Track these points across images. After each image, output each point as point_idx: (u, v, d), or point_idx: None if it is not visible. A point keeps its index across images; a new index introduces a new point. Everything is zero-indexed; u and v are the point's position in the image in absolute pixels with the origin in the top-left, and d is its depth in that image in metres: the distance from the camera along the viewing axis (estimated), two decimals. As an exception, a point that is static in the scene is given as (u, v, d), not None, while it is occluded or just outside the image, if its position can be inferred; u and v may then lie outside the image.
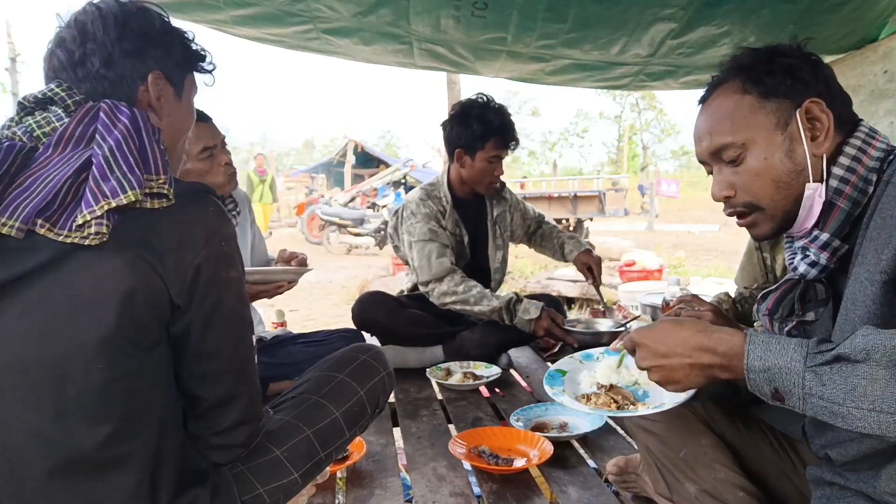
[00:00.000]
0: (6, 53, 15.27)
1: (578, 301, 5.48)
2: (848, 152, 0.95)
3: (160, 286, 0.85)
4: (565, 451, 1.70)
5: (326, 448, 1.16)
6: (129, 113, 0.89)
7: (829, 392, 0.77)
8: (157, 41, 0.99)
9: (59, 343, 0.82)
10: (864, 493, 0.90)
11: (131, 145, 0.86)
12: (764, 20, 2.34)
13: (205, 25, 2.55)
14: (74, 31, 0.94)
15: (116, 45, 0.94)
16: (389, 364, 1.34)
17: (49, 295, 0.82)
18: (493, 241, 2.70)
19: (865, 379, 0.74)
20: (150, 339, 0.88)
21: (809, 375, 0.79)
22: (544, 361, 2.67)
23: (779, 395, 0.82)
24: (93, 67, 0.94)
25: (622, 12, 2.32)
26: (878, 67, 2.47)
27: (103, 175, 0.83)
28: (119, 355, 0.84)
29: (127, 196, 0.82)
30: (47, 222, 0.81)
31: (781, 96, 0.96)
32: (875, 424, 0.74)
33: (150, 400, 0.90)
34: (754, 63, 0.99)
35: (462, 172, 2.53)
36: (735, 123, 0.98)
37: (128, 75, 0.96)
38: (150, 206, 0.86)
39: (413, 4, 2.31)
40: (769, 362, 0.82)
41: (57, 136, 0.87)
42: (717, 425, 1.23)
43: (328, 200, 12.98)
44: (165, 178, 0.88)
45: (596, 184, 15.22)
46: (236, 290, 0.96)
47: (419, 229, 2.49)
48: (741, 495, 1.10)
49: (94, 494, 0.86)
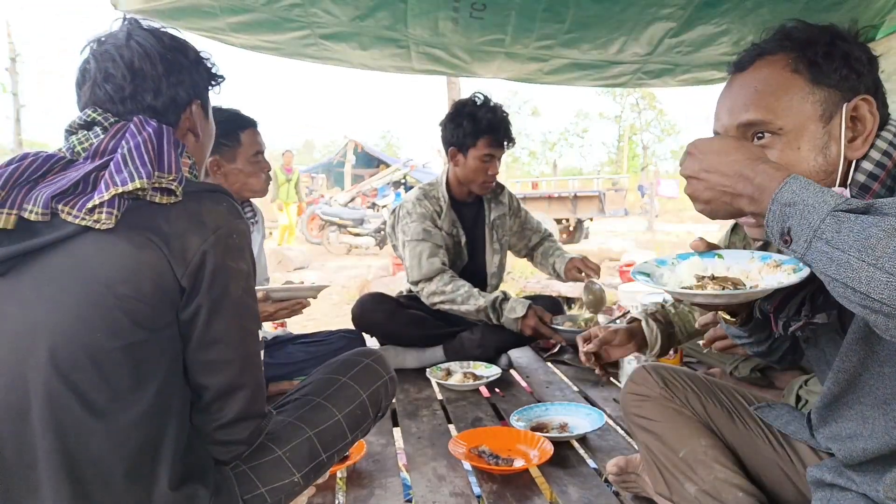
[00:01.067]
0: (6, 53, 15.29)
1: (578, 301, 5.48)
2: (879, 146, 0.89)
3: (166, 267, 0.90)
4: (565, 451, 1.71)
5: (328, 450, 1.17)
6: (155, 125, 0.97)
7: (841, 238, 0.70)
8: (192, 71, 1.10)
9: (65, 310, 0.88)
10: (866, 496, 0.89)
11: (149, 147, 0.94)
12: (762, 19, 2.34)
13: (202, 33, 2.54)
14: (126, 71, 1.01)
15: (164, 80, 1.04)
16: (392, 369, 1.35)
17: (60, 266, 0.89)
18: (490, 244, 2.69)
19: (885, 231, 0.68)
20: (158, 320, 0.92)
21: (830, 219, 0.72)
22: (544, 361, 2.67)
23: (787, 237, 0.76)
24: (144, 101, 1.03)
25: (621, 12, 2.32)
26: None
27: (118, 169, 0.91)
28: (120, 328, 0.88)
29: (134, 184, 0.89)
30: (66, 206, 0.89)
31: (833, 86, 0.89)
32: (866, 279, 0.68)
33: (152, 378, 0.92)
34: (811, 41, 0.91)
35: (457, 171, 2.53)
36: (779, 103, 0.90)
37: (172, 106, 1.06)
38: (160, 200, 0.92)
39: (411, 7, 2.30)
40: (798, 197, 0.75)
41: (93, 149, 0.96)
42: (718, 425, 1.23)
43: (328, 200, 12.98)
44: (176, 176, 0.94)
45: (596, 184, 15.21)
46: (244, 282, 0.99)
47: (413, 229, 2.49)
48: (741, 495, 1.10)
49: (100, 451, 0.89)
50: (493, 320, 2.37)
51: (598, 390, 2.28)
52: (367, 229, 11.27)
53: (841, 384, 0.94)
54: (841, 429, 0.94)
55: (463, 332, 2.52)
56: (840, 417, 0.95)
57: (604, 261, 8.25)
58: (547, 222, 11.27)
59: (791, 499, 1.17)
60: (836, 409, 0.96)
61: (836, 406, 0.96)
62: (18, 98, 15.34)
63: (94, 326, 0.88)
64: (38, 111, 46.13)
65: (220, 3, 2.28)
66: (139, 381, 0.91)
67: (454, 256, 2.58)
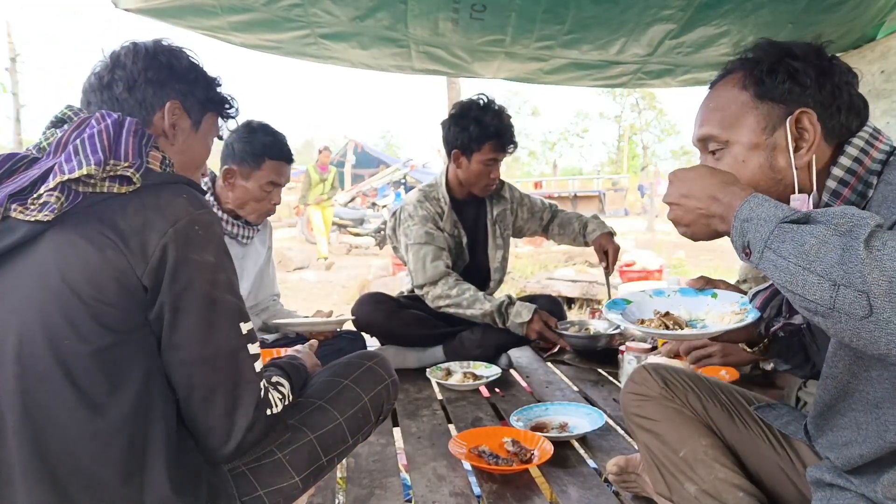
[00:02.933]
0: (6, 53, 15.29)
1: (578, 301, 5.48)
2: (850, 153, 0.94)
3: (126, 265, 0.87)
4: (565, 451, 1.71)
5: (329, 454, 1.15)
6: (115, 116, 0.95)
7: (784, 247, 0.77)
8: (181, 76, 1.09)
9: (31, 318, 0.85)
10: (865, 496, 0.90)
11: (104, 136, 0.91)
12: (763, 19, 2.35)
13: (202, 32, 2.54)
14: (108, 61, 1.06)
15: (142, 74, 1.04)
16: (394, 372, 1.34)
17: (21, 273, 0.87)
18: (493, 240, 2.69)
19: (816, 238, 0.74)
20: (127, 322, 0.88)
21: (777, 231, 0.79)
22: (544, 361, 2.67)
23: (748, 249, 0.83)
24: (117, 90, 1.03)
25: (621, 13, 2.32)
26: (875, 67, 2.47)
27: (68, 158, 0.88)
28: (88, 332, 0.86)
29: (81, 170, 0.86)
30: (20, 206, 0.87)
31: (777, 100, 0.95)
32: (801, 283, 0.74)
33: (128, 381, 0.89)
34: (760, 59, 0.97)
35: (458, 174, 2.53)
36: (724, 117, 0.98)
37: (147, 101, 1.05)
38: (118, 190, 0.89)
39: (411, 7, 2.31)
40: (754, 213, 0.83)
41: (55, 143, 0.93)
42: (717, 425, 1.24)
43: (328, 201, 12.97)
44: (133, 163, 0.91)
45: (596, 184, 15.25)
46: (210, 275, 0.93)
47: (415, 232, 2.49)
48: (741, 495, 1.10)
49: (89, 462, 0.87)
50: (498, 324, 2.38)
51: (598, 390, 2.28)
52: (367, 229, 11.28)
53: (830, 391, 0.96)
54: (836, 438, 0.95)
55: (463, 332, 2.52)
56: (835, 426, 0.96)
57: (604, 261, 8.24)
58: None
59: (791, 499, 1.17)
60: (830, 417, 0.97)
61: (829, 414, 0.97)
62: (18, 98, 15.34)
63: (62, 333, 0.85)
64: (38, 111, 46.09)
65: (221, 3, 2.29)
66: (115, 385, 0.87)
67: (456, 257, 2.58)
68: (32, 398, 0.85)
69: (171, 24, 2.48)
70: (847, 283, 0.70)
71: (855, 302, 0.70)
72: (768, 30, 2.43)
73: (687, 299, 1.25)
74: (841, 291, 0.70)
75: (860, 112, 0.97)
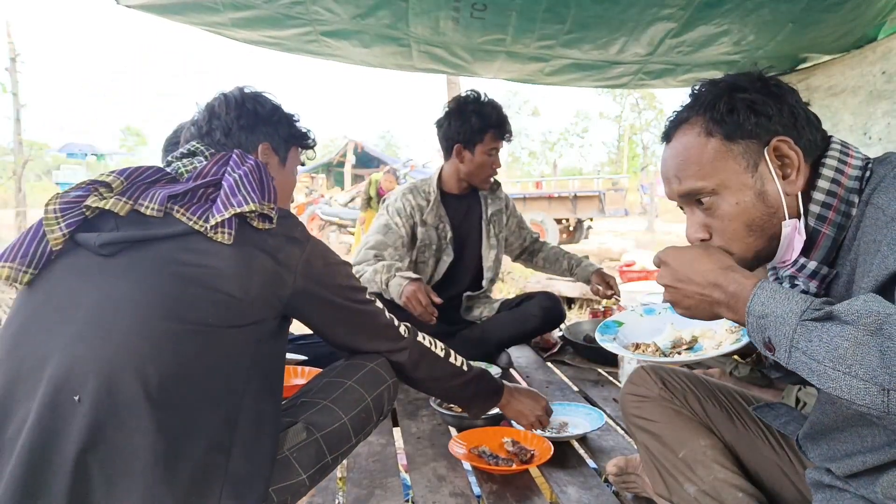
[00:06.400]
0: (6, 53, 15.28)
1: (578, 301, 5.48)
2: (826, 175, 0.93)
3: (275, 270, 1.06)
4: (565, 451, 1.71)
5: (333, 452, 1.17)
6: (254, 160, 1.13)
7: (814, 348, 0.75)
8: (266, 119, 1.26)
9: (175, 290, 0.98)
10: (865, 497, 0.90)
11: (253, 177, 1.09)
12: (763, 19, 2.35)
13: (204, 28, 2.55)
14: (205, 112, 1.24)
15: (235, 122, 1.22)
16: (395, 373, 1.35)
17: (172, 253, 1.01)
18: (487, 239, 2.68)
19: (849, 341, 0.72)
20: (247, 317, 1.02)
21: (801, 329, 0.77)
22: (544, 361, 2.67)
23: (770, 345, 0.81)
24: (216, 138, 1.21)
25: (621, 13, 2.32)
26: (876, 68, 2.47)
27: (232, 192, 1.05)
28: (221, 314, 0.99)
29: (249, 206, 1.03)
30: (182, 208, 1.03)
31: (747, 137, 0.94)
32: (846, 388, 0.72)
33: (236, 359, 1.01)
34: (715, 100, 0.96)
35: (460, 168, 2.53)
36: (703, 168, 0.96)
37: (243, 145, 1.23)
38: (259, 226, 1.06)
39: (412, 6, 2.31)
40: (769, 309, 0.81)
41: (197, 171, 1.11)
42: (717, 426, 1.23)
43: (328, 200, 12.98)
44: (274, 206, 1.08)
45: (596, 184, 15.21)
46: (344, 269, 1.20)
47: (379, 220, 2.53)
48: (740, 496, 1.10)
49: None
50: (382, 283, 2.27)
51: (598, 390, 2.28)
52: (367, 229, 11.25)
53: (829, 415, 0.96)
54: (835, 451, 0.95)
55: (462, 331, 2.52)
56: (832, 440, 0.96)
57: (604, 261, 8.25)
58: (547, 222, 11.29)
59: (791, 499, 1.17)
60: (828, 433, 0.97)
61: (826, 432, 0.97)
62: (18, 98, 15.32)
63: (198, 310, 0.97)
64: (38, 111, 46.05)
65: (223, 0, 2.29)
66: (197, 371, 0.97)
67: (438, 252, 2.57)
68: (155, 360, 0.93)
69: (173, 20, 2.48)
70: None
71: None
72: (769, 29, 2.43)
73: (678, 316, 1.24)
74: (892, 396, 0.69)
75: (818, 126, 0.97)
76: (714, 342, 1.13)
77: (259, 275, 1.04)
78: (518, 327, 2.53)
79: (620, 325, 1.29)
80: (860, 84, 2.53)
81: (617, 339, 1.24)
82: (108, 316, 0.95)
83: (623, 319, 1.31)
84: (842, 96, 2.63)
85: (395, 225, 2.50)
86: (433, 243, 2.55)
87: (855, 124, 2.56)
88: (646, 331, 1.27)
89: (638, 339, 1.25)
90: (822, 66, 2.78)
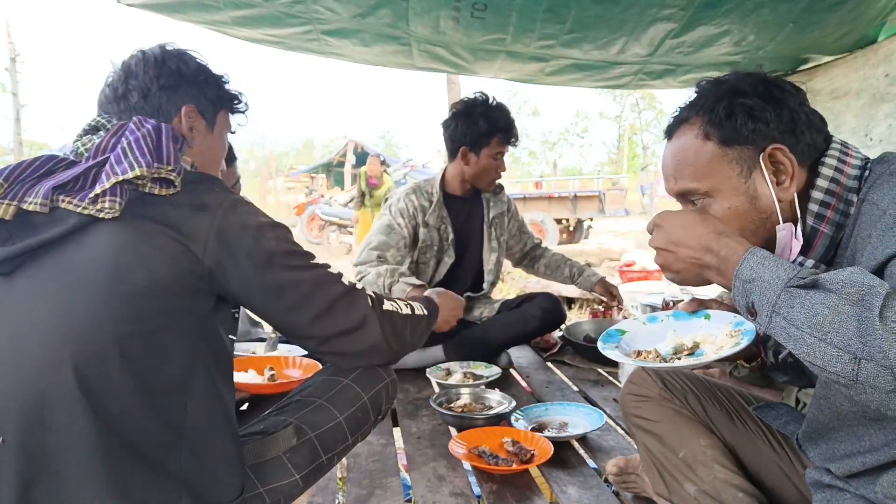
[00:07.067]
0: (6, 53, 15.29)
1: (578, 301, 5.48)
2: (825, 174, 0.93)
3: (182, 250, 0.93)
4: (565, 451, 1.70)
5: (328, 452, 1.16)
6: (154, 122, 1.00)
7: (794, 314, 0.76)
8: (191, 80, 1.12)
9: (85, 299, 0.89)
10: (865, 497, 0.90)
11: (148, 141, 0.97)
12: (763, 19, 2.35)
13: (205, 26, 2.55)
14: (120, 71, 1.10)
15: (154, 82, 1.08)
16: (393, 371, 1.34)
17: (73, 258, 0.91)
18: (489, 242, 2.69)
19: (829, 308, 0.73)
20: (178, 304, 0.93)
21: (784, 295, 0.78)
22: (544, 361, 2.67)
23: (752, 310, 0.82)
24: (132, 100, 1.08)
25: (621, 13, 2.33)
26: (879, 70, 2.47)
27: (118, 160, 0.94)
28: (138, 315, 0.90)
29: (134, 171, 0.91)
30: (67, 196, 0.92)
31: (743, 143, 0.94)
32: (819, 354, 0.73)
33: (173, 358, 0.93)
34: (715, 103, 0.96)
35: (465, 170, 2.53)
36: (698, 171, 0.97)
37: (163, 107, 1.09)
38: (160, 192, 0.95)
39: (412, 5, 2.31)
40: (756, 273, 0.82)
41: (94, 148, 0.98)
42: (717, 426, 1.23)
43: (328, 200, 12.97)
44: (175, 167, 0.96)
45: (596, 184, 15.23)
46: (271, 232, 1.03)
47: (382, 221, 2.52)
48: (740, 496, 1.10)
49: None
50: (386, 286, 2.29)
51: (598, 390, 2.28)
52: (367, 229, 11.26)
53: (825, 412, 0.96)
54: (835, 451, 0.95)
55: (463, 332, 2.52)
56: (830, 440, 0.96)
57: (604, 261, 8.25)
58: (547, 222, 11.29)
59: (791, 499, 1.17)
60: (825, 432, 0.97)
61: (824, 430, 0.97)
62: (18, 98, 15.34)
63: (115, 315, 0.88)
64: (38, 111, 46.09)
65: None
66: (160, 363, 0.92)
67: (439, 253, 2.57)
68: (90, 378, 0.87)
69: (173, 18, 2.48)
70: (868, 357, 0.69)
71: (879, 376, 0.69)
72: (769, 29, 2.43)
73: (680, 323, 1.25)
74: (863, 365, 0.69)
75: (821, 127, 0.97)
76: (715, 347, 1.13)
77: (163, 254, 0.91)
78: (518, 328, 2.53)
79: (623, 333, 1.30)
80: (863, 87, 2.53)
81: (619, 347, 1.25)
82: (21, 346, 0.88)
83: (626, 328, 1.31)
84: (845, 99, 2.63)
85: (398, 225, 2.49)
86: (434, 244, 2.55)
87: (857, 126, 2.56)
88: (648, 338, 1.28)
89: (640, 346, 1.25)
90: (824, 69, 2.78)
